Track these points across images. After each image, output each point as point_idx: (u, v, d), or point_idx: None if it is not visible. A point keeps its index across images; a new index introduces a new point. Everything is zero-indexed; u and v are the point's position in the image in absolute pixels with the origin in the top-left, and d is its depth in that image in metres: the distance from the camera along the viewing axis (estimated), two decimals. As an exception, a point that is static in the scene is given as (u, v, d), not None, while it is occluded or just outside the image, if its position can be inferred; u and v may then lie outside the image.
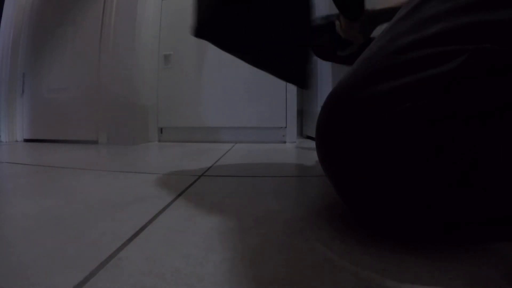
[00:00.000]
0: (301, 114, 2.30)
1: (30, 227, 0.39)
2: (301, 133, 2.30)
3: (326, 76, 1.65)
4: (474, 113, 0.27)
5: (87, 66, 1.74)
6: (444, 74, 0.28)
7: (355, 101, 0.33)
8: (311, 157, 1.09)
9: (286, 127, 1.77)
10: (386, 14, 0.76)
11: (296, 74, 0.85)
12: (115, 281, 0.26)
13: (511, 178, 0.28)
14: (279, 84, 1.76)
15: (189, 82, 1.84)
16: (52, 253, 0.31)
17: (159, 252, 0.32)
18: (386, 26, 0.39)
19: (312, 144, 1.61)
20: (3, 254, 0.31)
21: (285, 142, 1.76)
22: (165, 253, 0.32)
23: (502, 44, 0.27)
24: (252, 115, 1.78)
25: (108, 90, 1.66)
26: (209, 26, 0.70)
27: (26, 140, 1.92)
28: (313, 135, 1.76)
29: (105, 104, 1.67)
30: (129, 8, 1.67)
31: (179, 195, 0.55)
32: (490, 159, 0.27)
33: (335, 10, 0.76)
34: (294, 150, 1.36)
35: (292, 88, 1.76)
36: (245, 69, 1.79)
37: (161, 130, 1.89)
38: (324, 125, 0.38)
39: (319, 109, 0.41)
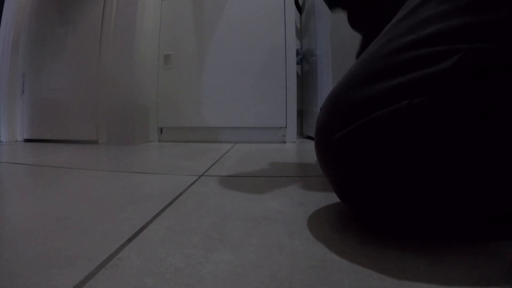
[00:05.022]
0: (301, 114, 2.30)
1: (30, 227, 0.39)
2: (301, 133, 2.30)
3: (326, 76, 1.65)
4: (469, 111, 0.27)
5: (87, 66, 1.74)
6: (439, 73, 0.28)
7: (352, 101, 0.34)
8: (311, 157, 1.09)
9: (286, 127, 1.77)
10: None
11: None
12: (115, 281, 0.26)
13: (508, 177, 0.28)
14: (279, 84, 1.76)
15: (189, 82, 1.83)
16: (52, 253, 0.31)
17: (159, 252, 0.32)
18: (385, 28, 0.39)
19: (312, 144, 1.61)
20: (3, 254, 0.31)
21: (285, 142, 1.76)
22: (165, 253, 0.32)
23: (495, 43, 0.27)
24: (252, 115, 1.78)
25: (108, 90, 1.66)
26: None
27: (26, 140, 1.92)
28: (313, 135, 1.77)
29: (105, 104, 1.67)
30: (129, 8, 1.67)
31: (179, 195, 0.55)
32: (487, 156, 0.27)
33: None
34: (294, 150, 1.36)
35: (292, 88, 1.76)
36: (246, 69, 1.79)
37: (161, 130, 1.89)
38: (322, 125, 0.38)
39: (319, 109, 0.41)
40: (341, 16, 0.83)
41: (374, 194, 0.32)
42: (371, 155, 0.31)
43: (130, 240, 0.35)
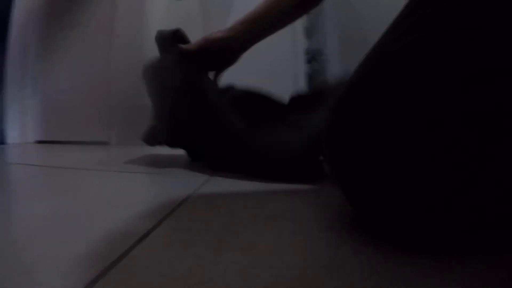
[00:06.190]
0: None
1: (41, 227, 0.40)
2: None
3: (335, 74, 1.64)
4: (479, 114, 0.26)
5: (97, 67, 1.76)
6: (448, 75, 0.27)
7: (360, 104, 0.33)
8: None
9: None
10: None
11: None
12: (125, 281, 0.26)
13: None
14: (288, 84, 1.75)
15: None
16: (63, 252, 0.31)
17: (170, 252, 0.32)
18: (390, 24, 0.38)
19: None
20: (14, 253, 0.31)
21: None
22: (176, 253, 0.31)
23: (507, 44, 0.26)
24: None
25: (118, 91, 1.68)
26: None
27: (38, 142, 1.94)
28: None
29: (116, 105, 1.69)
30: (137, 9, 1.68)
31: (190, 195, 0.55)
32: (498, 160, 0.27)
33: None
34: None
35: (302, 87, 1.75)
36: (253, 69, 1.79)
37: (171, 131, 1.89)
38: (330, 128, 0.37)
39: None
40: (350, 15, 0.86)
41: (384, 198, 0.31)
42: (380, 159, 0.30)
43: (140, 240, 0.35)
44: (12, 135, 1.94)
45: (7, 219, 0.44)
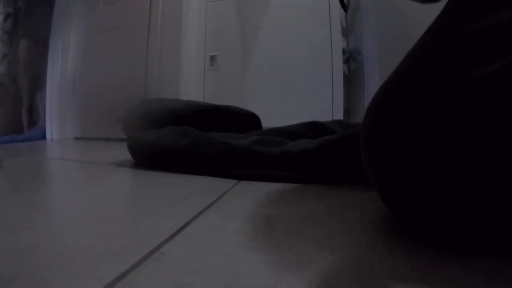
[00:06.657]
0: (348, 113, 2.25)
1: (76, 221, 0.41)
2: (347, 134, 2.25)
3: (373, 75, 1.61)
4: None
5: (134, 68, 1.82)
6: (492, 73, 0.25)
7: (400, 102, 0.32)
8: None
9: (332, 127, 1.74)
10: None
11: None
12: (155, 275, 0.26)
13: None
14: (325, 84, 1.73)
15: (235, 82, 1.86)
16: (97, 246, 0.32)
17: (200, 249, 0.32)
18: (436, 18, 0.36)
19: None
20: (51, 246, 0.33)
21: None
22: (206, 250, 0.31)
23: None
24: (300, 116, 1.76)
25: (154, 91, 1.72)
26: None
27: (76, 138, 2.04)
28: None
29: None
30: (174, 11, 1.72)
31: (223, 194, 0.56)
32: None
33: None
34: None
35: (339, 88, 1.72)
36: (291, 68, 1.78)
37: (207, 130, 1.92)
38: (369, 127, 0.36)
39: (365, 107, 0.40)
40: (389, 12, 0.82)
41: (423, 200, 0.30)
42: (419, 159, 0.29)
43: (173, 236, 0.35)
44: (52, 131, 2.05)
45: (47, 212, 0.45)
